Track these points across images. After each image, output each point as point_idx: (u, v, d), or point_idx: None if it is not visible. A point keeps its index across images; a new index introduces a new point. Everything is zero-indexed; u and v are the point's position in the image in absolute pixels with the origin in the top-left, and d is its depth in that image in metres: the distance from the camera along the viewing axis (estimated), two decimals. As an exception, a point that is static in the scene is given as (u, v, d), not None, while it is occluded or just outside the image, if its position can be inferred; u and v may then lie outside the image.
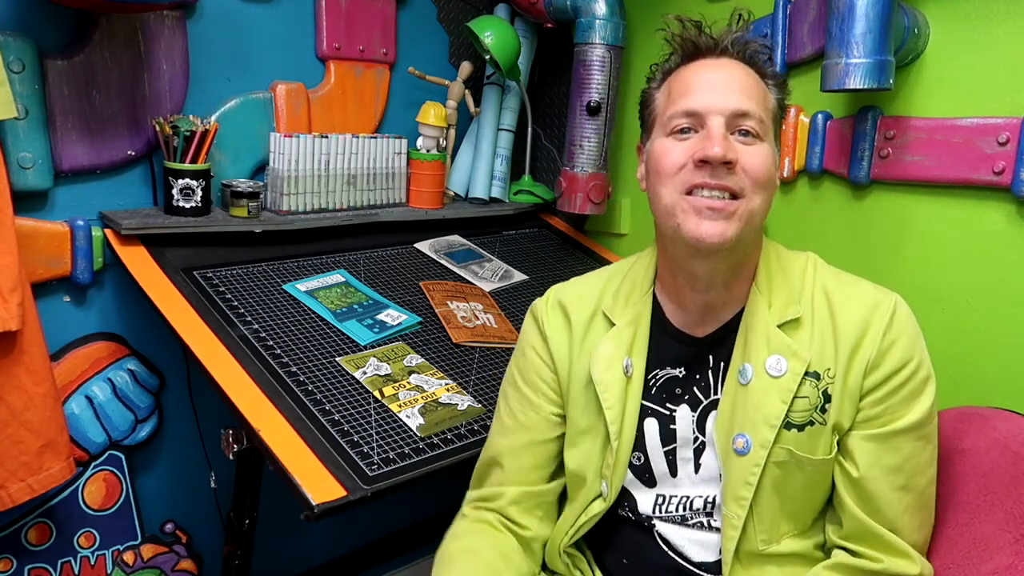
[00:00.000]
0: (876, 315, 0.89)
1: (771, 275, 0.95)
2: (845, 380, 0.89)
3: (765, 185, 0.88)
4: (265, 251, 1.47)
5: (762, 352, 0.91)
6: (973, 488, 0.95)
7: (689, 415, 0.96)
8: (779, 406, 0.89)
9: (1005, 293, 1.20)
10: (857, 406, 0.89)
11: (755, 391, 0.90)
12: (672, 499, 0.97)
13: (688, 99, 0.89)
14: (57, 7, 1.28)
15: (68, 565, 1.43)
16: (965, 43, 1.23)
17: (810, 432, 0.89)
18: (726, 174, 0.86)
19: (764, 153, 0.88)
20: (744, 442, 0.90)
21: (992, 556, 0.87)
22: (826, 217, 1.44)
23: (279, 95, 1.57)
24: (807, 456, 0.89)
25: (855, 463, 0.89)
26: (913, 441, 0.89)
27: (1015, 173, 1.15)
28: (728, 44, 0.92)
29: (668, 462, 0.97)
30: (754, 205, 0.87)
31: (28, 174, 1.27)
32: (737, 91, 0.88)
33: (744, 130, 0.87)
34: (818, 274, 0.95)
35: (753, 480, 0.89)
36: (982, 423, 1.01)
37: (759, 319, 0.92)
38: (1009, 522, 0.88)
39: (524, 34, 1.85)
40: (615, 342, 0.98)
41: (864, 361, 0.88)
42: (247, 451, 1.21)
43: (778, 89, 0.94)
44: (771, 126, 0.91)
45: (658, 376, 0.98)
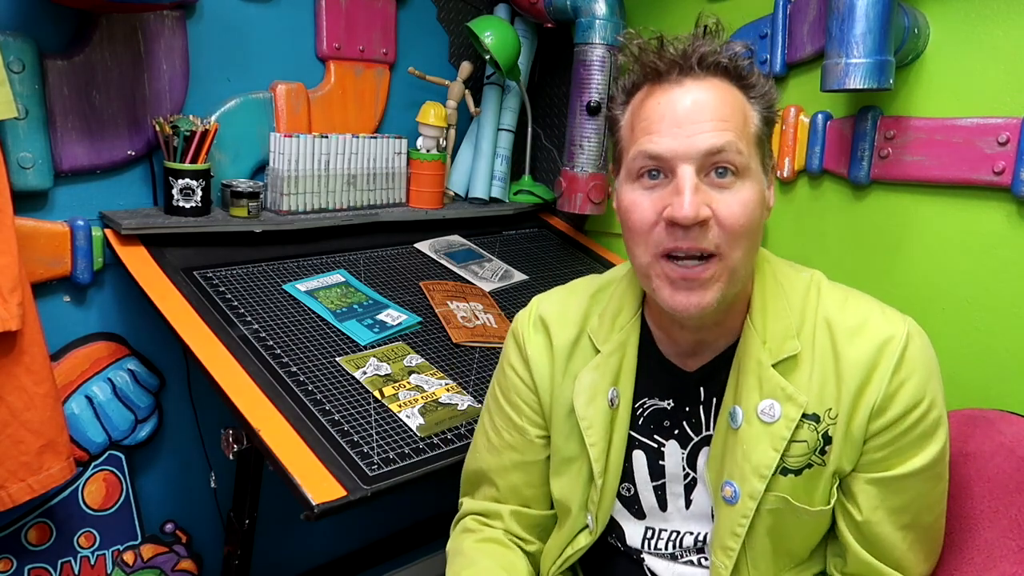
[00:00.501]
0: (885, 353, 0.80)
1: (767, 306, 0.86)
2: (848, 424, 0.82)
3: (746, 235, 0.78)
4: (265, 251, 1.47)
5: (754, 395, 0.83)
6: (977, 493, 0.94)
7: (679, 451, 0.91)
8: (771, 455, 0.82)
9: (1005, 293, 1.20)
10: (860, 450, 0.83)
11: (745, 438, 0.83)
12: (662, 534, 0.93)
13: (652, 140, 0.78)
14: (57, 7, 1.28)
15: (68, 565, 1.43)
16: (965, 43, 1.23)
17: (808, 475, 0.83)
18: (699, 233, 0.76)
19: (743, 198, 0.77)
20: (732, 491, 0.84)
21: (996, 563, 0.86)
22: (826, 217, 1.44)
23: (279, 95, 1.57)
24: (804, 507, 0.84)
25: (858, 506, 0.84)
26: (921, 483, 0.84)
27: (1015, 173, 1.15)
28: (694, 62, 0.79)
29: (657, 496, 0.93)
30: (734, 261, 0.78)
31: (28, 174, 1.27)
32: (708, 122, 0.77)
33: (721, 169, 0.77)
34: (821, 301, 0.86)
35: (740, 532, 0.84)
36: (987, 426, 1.00)
37: (752, 358, 0.84)
38: (1013, 529, 0.88)
39: (524, 34, 1.85)
40: (600, 371, 0.91)
41: (870, 404, 0.80)
42: (247, 451, 1.21)
43: (762, 102, 0.82)
44: (755, 152, 0.80)
45: (645, 406, 0.92)
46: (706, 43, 0.80)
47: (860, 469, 0.84)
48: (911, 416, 0.81)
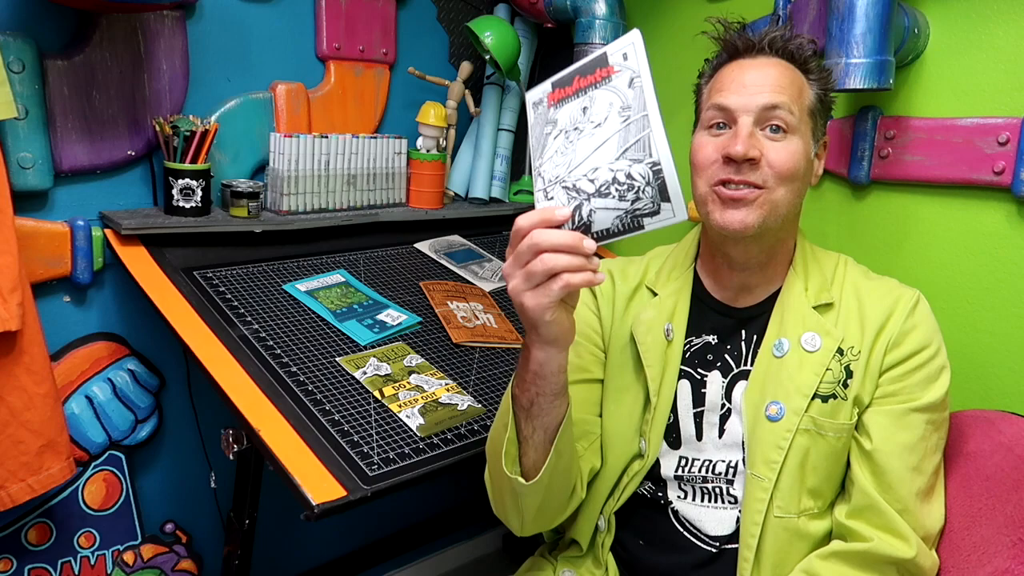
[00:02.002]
0: (900, 303, 0.97)
1: (807, 263, 1.02)
2: (868, 357, 0.95)
3: (790, 178, 0.92)
4: (265, 251, 1.47)
5: (798, 328, 0.97)
6: (976, 491, 0.95)
7: (719, 380, 1.01)
8: (812, 378, 0.95)
9: (1005, 293, 1.20)
10: (876, 382, 0.95)
11: (790, 363, 0.96)
12: (695, 462, 1.01)
13: (721, 96, 0.95)
14: (57, 7, 1.28)
15: (68, 565, 1.43)
16: (965, 43, 1.23)
17: (832, 404, 0.95)
18: (750, 170, 0.91)
19: (791, 148, 0.92)
20: (778, 409, 0.95)
21: (991, 559, 0.87)
22: (826, 217, 1.44)
23: (279, 95, 1.57)
24: (829, 421, 0.95)
25: (869, 437, 0.94)
26: (926, 423, 0.94)
27: (1015, 173, 1.15)
28: (766, 44, 0.96)
29: (696, 424, 1.02)
30: (776, 196, 0.92)
31: (28, 174, 1.27)
32: (768, 87, 0.93)
33: (775, 125, 0.92)
34: (848, 270, 1.03)
35: (784, 444, 0.94)
36: (987, 426, 1.01)
37: (796, 299, 0.99)
38: (1009, 525, 0.88)
39: (524, 34, 1.85)
40: (657, 310, 1.04)
41: (887, 340, 0.95)
42: (247, 451, 1.21)
43: (820, 83, 0.98)
44: (807, 119, 0.95)
45: (694, 343, 1.04)
46: (778, 30, 0.98)
47: (874, 403, 0.96)
48: (920, 355, 0.95)
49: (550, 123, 0.80)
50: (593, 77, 0.78)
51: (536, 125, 0.81)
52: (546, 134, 0.79)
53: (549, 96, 0.81)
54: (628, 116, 0.74)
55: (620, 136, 0.74)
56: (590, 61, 0.78)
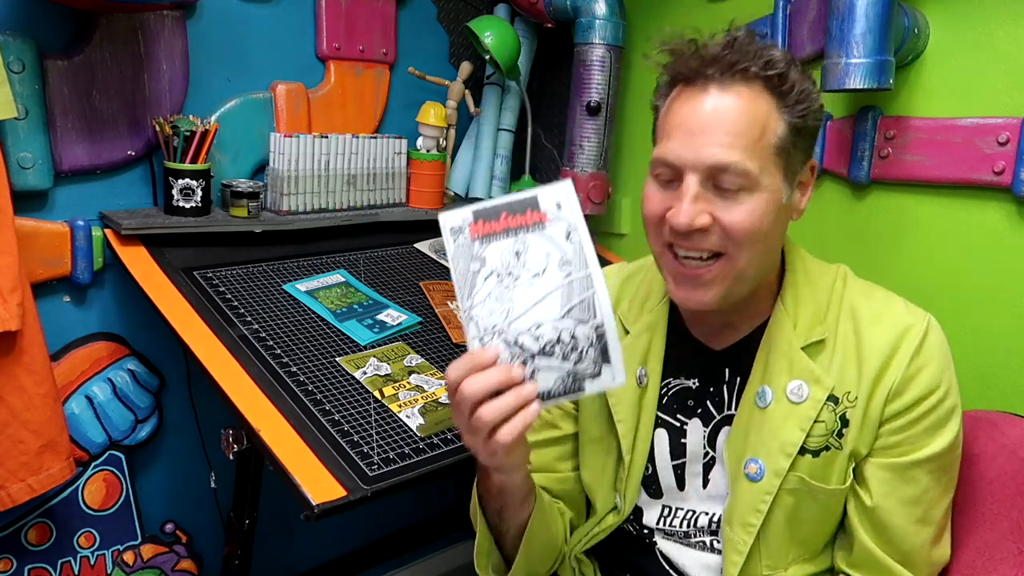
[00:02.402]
0: (905, 339, 0.84)
1: (798, 291, 0.89)
2: (866, 406, 0.84)
3: (752, 241, 0.79)
4: (265, 251, 1.47)
5: (783, 376, 0.86)
6: (979, 495, 0.93)
7: (700, 429, 0.93)
8: (797, 434, 0.85)
9: (1005, 293, 1.20)
10: (876, 433, 0.85)
11: (773, 416, 0.86)
12: (677, 512, 0.95)
13: (665, 147, 0.81)
14: (57, 7, 1.28)
15: (68, 565, 1.43)
16: (965, 43, 1.23)
17: (825, 457, 0.85)
18: (699, 238, 0.80)
19: (750, 207, 0.79)
20: (757, 468, 0.86)
21: (996, 566, 0.86)
22: (826, 217, 1.44)
23: (279, 95, 1.57)
24: (820, 486, 0.85)
25: (869, 492, 0.85)
26: (932, 472, 0.85)
27: (1015, 173, 1.15)
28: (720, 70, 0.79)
29: (676, 476, 0.94)
30: (739, 264, 0.81)
31: (28, 174, 1.27)
32: (719, 136, 0.78)
33: (724, 189, 0.79)
34: (847, 290, 0.89)
35: (763, 508, 0.86)
36: (991, 428, 0.99)
37: (783, 339, 0.87)
38: (1014, 532, 0.87)
39: (524, 34, 1.85)
40: (629, 352, 0.93)
41: (887, 387, 0.83)
42: (247, 451, 1.21)
43: (795, 111, 0.81)
44: (773, 162, 0.80)
45: (671, 386, 0.95)
46: (738, 49, 0.80)
47: (874, 454, 0.85)
48: (927, 402, 0.83)
49: (477, 259, 0.74)
50: (524, 219, 0.73)
51: (459, 258, 0.74)
52: (473, 272, 0.74)
53: (471, 227, 0.74)
54: (570, 272, 0.72)
55: (563, 293, 0.71)
56: (519, 201, 0.74)
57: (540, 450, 1.02)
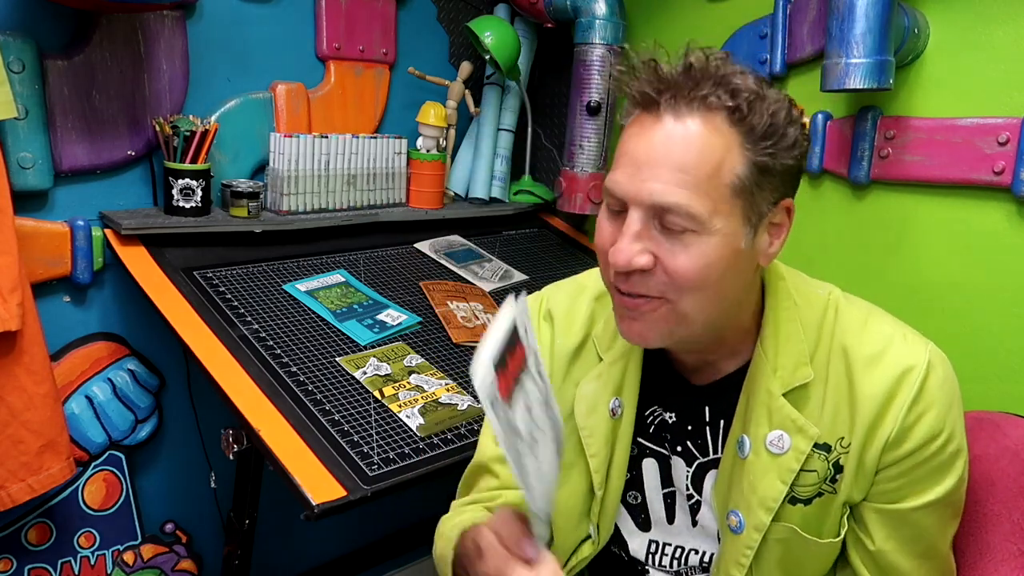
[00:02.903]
0: (903, 385, 0.76)
1: (779, 330, 0.81)
2: (861, 454, 0.78)
3: (698, 288, 0.72)
4: (265, 251, 1.47)
5: (762, 426, 0.80)
6: (981, 497, 0.93)
7: (683, 468, 0.88)
8: (778, 487, 0.79)
9: (1005, 293, 1.20)
10: (872, 480, 0.79)
11: (752, 468, 0.80)
12: (666, 548, 0.91)
13: (613, 176, 0.74)
14: (57, 7, 1.28)
15: (68, 565, 1.43)
16: (965, 43, 1.23)
17: (818, 504, 0.80)
18: (639, 280, 0.72)
19: (697, 252, 0.70)
20: (738, 521, 0.82)
21: (997, 568, 0.86)
22: (826, 217, 1.44)
23: (279, 95, 1.57)
24: (813, 539, 0.81)
25: (870, 536, 0.81)
26: (934, 514, 0.80)
27: (1015, 173, 1.15)
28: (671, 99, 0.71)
29: (667, 506, 0.90)
30: (684, 308, 0.73)
31: (28, 174, 1.27)
32: (666, 172, 0.70)
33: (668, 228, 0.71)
34: (839, 324, 0.81)
35: (745, 562, 0.82)
36: (993, 429, 0.98)
37: (761, 387, 0.80)
38: (1016, 533, 0.87)
39: (524, 34, 1.85)
40: (601, 381, 0.87)
41: (885, 437, 0.76)
42: (247, 451, 1.21)
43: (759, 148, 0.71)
44: (730, 203, 0.71)
45: (655, 414, 0.89)
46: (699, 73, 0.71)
47: (871, 499, 0.80)
48: (927, 449, 0.77)
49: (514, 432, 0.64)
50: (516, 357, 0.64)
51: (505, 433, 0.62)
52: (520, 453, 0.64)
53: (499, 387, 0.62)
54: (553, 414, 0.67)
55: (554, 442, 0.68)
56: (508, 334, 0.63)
57: None
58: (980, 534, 0.91)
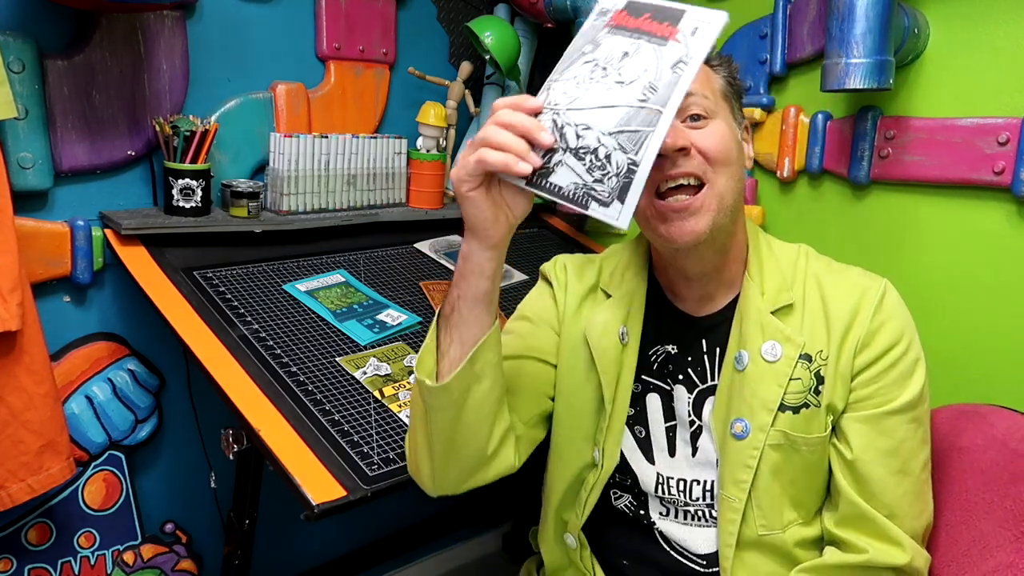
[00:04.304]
0: (866, 298, 0.91)
1: (762, 263, 0.96)
2: (837, 361, 0.90)
3: (726, 162, 0.87)
4: (265, 251, 1.47)
5: (757, 339, 0.92)
6: (971, 486, 0.95)
7: (686, 396, 0.97)
8: (775, 390, 0.90)
9: (1005, 293, 1.20)
10: (849, 387, 0.91)
11: (751, 377, 0.91)
12: (670, 481, 0.97)
13: None
14: (57, 7, 1.28)
15: (68, 565, 1.43)
16: (965, 43, 1.23)
17: (805, 415, 0.91)
18: (683, 161, 0.85)
19: (717, 130, 0.87)
20: (743, 426, 0.91)
21: (992, 554, 0.87)
22: (826, 217, 1.44)
23: (279, 95, 1.57)
24: (802, 436, 0.90)
25: (849, 445, 0.90)
26: (906, 423, 0.90)
27: (1015, 173, 1.15)
28: None
29: (668, 439, 0.98)
30: (719, 187, 0.87)
31: (28, 174, 1.27)
32: None
33: (694, 114, 0.87)
34: (810, 263, 0.97)
35: (752, 463, 0.90)
36: (980, 420, 1.01)
37: (752, 306, 0.93)
38: (1008, 519, 0.89)
39: (524, 34, 1.85)
40: (611, 312, 0.99)
41: (855, 341, 0.90)
42: (247, 451, 1.21)
43: (724, 69, 0.94)
44: (723, 103, 0.91)
45: (658, 352, 0.99)
46: None
47: (850, 408, 0.91)
48: (892, 353, 0.90)
49: (593, 43, 0.73)
50: (657, 27, 0.71)
51: (584, 35, 0.74)
52: (581, 51, 0.73)
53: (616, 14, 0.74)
54: (647, 100, 0.69)
55: (628, 113, 0.70)
56: (669, 10, 0.72)
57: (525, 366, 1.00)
58: (973, 522, 0.92)
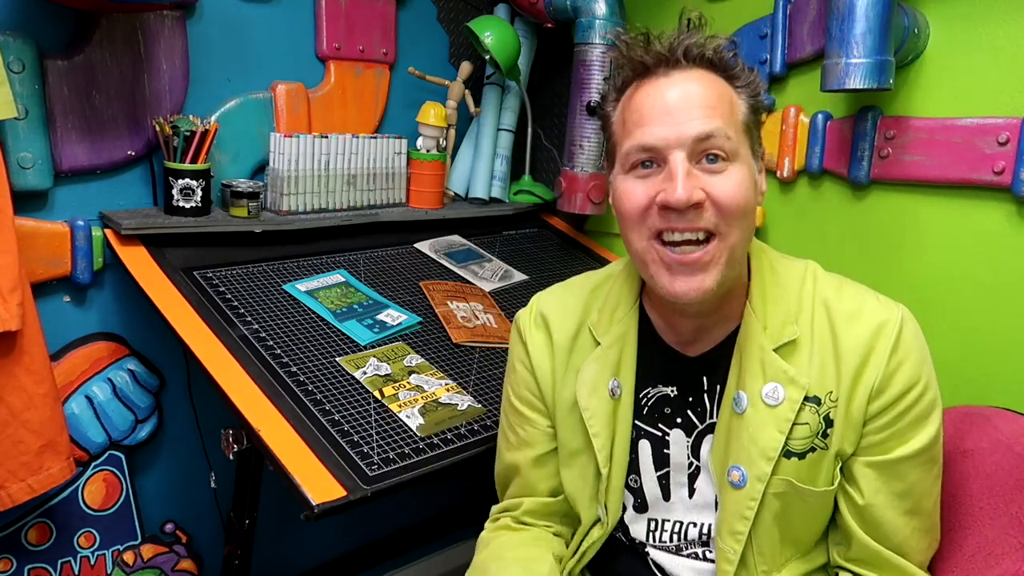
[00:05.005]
0: (881, 336, 0.83)
1: (765, 292, 0.88)
2: (848, 404, 0.84)
3: (742, 214, 0.80)
4: (265, 251, 1.47)
5: (757, 380, 0.85)
6: (976, 490, 0.94)
7: (683, 440, 0.92)
8: (776, 437, 0.84)
9: (1005, 293, 1.20)
10: (860, 432, 0.85)
11: (750, 421, 0.85)
12: (665, 524, 0.94)
13: (643, 132, 0.81)
14: (57, 7, 1.28)
15: (68, 565, 1.43)
16: (965, 43, 1.23)
17: (811, 459, 0.85)
18: (694, 215, 0.79)
19: (736, 179, 0.80)
20: (740, 475, 0.85)
21: (998, 561, 0.86)
22: (826, 217, 1.44)
23: (279, 95, 1.57)
24: (808, 488, 0.85)
25: (860, 490, 0.86)
26: (919, 466, 0.85)
27: (1015, 173, 1.15)
28: (680, 55, 0.82)
29: (661, 486, 0.94)
30: (732, 241, 0.80)
31: (28, 174, 1.27)
32: (697, 111, 0.79)
33: (712, 155, 0.80)
34: (818, 288, 0.88)
35: (750, 515, 0.86)
36: (984, 423, 1.00)
37: (753, 343, 0.86)
38: (1014, 526, 0.88)
39: (524, 34, 1.85)
40: (600, 363, 0.93)
41: (869, 385, 0.83)
42: (247, 451, 1.21)
43: (749, 91, 0.84)
44: (744, 138, 0.83)
45: (650, 395, 0.93)
46: (690, 36, 0.82)
47: (860, 452, 0.85)
48: (908, 397, 0.83)
49: None
50: None
51: None
52: None
53: None
54: None
55: None
56: None
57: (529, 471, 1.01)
58: (978, 527, 0.91)
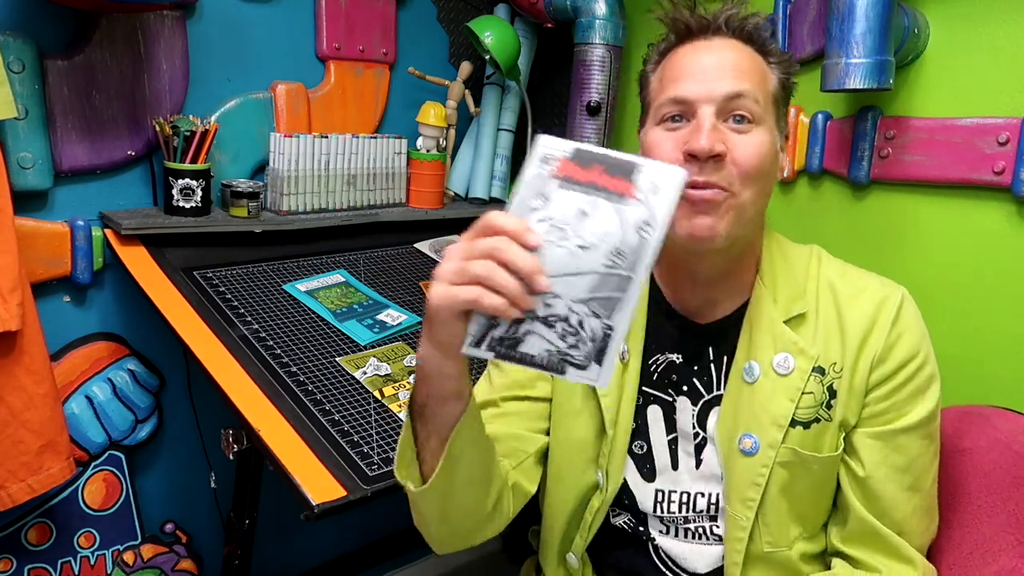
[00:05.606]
0: (883, 309, 0.87)
1: (775, 268, 0.92)
2: (852, 375, 0.87)
3: (757, 177, 0.83)
4: (265, 251, 1.47)
5: (768, 350, 0.88)
6: (974, 488, 0.94)
7: (689, 408, 0.93)
8: (787, 405, 0.87)
9: (1005, 293, 1.20)
10: (863, 402, 0.87)
11: (762, 390, 0.88)
12: (672, 495, 0.94)
13: (677, 86, 0.85)
14: (57, 7, 1.28)
15: (68, 565, 1.43)
16: (965, 43, 1.23)
17: (816, 429, 0.87)
18: (714, 169, 0.81)
19: (758, 141, 0.83)
20: (752, 443, 0.87)
21: (995, 558, 0.87)
22: (826, 217, 1.44)
23: (279, 95, 1.57)
24: (813, 454, 0.87)
25: (861, 462, 0.87)
26: (919, 439, 0.87)
27: (1015, 173, 1.15)
28: (722, 23, 0.86)
29: (671, 452, 0.94)
30: (743, 199, 0.82)
31: (28, 174, 1.27)
32: (730, 73, 0.83)
33: (739, 115, 0.83)
34: (823, 268, 0.93)
35: (761, 481, 0.87)
36: (983, 422, 1.00)
37: (764, 315, 0.89)
38: (1011, 524, 0.88)
39: (524, 34, 1.85)
40: None
41: (871, 355, 0.86)
42: (247, 451, 1.21)
43: (781, 68, 0.88)
44: (771, 108, 0.86)
45: (659, 361, 0.94)
46: (733, 7, 0.88)
47: (863, 424, 0.88)
48: (908, 368, 0.87)
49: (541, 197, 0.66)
50: (612, 182, 0.66)
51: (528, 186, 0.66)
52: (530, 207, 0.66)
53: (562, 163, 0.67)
54: (615, 265, 0.65)
55: (597, 280, 0.65)
56: (621, 162, 0.66)
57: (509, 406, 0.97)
58: (976, 526, 0.91)
